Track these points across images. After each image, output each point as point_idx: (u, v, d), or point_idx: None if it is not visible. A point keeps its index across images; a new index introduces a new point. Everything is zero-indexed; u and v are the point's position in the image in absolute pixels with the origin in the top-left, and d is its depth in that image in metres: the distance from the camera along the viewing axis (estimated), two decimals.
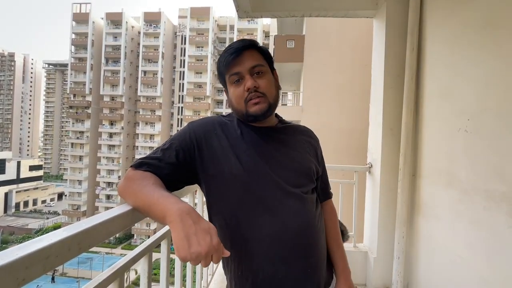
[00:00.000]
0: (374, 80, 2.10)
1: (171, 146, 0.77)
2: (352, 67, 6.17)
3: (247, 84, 0.76)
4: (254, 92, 0.77)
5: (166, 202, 0.61)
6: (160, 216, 0.61)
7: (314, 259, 0.77)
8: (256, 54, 0.80)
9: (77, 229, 0.51)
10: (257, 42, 0.83)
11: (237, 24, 41.37)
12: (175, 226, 0.57)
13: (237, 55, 0.77)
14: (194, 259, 0.54)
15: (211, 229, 0.58)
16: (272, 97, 0.80)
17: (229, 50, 0.78)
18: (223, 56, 0.79)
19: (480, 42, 1.24)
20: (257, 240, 0.72)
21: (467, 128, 1.27)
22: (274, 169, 0.77)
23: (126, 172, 0.73)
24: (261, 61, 0.80)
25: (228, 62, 0.77)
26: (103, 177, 39.36)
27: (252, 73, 0.78)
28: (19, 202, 45.64)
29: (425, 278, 1.62)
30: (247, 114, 0.78)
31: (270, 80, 0.81)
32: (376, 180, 1.99)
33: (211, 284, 1.60)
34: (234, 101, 0.80)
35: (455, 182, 1.35)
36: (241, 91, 0.77)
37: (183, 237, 0.55)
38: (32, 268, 0.41)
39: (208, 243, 0.55)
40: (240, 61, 0.77)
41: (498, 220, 1.07)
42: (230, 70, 0.78)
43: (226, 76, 0.80)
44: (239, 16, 2.17)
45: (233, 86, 0.79)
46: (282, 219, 0.73)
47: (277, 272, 0.73)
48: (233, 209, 0.75)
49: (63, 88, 66.88)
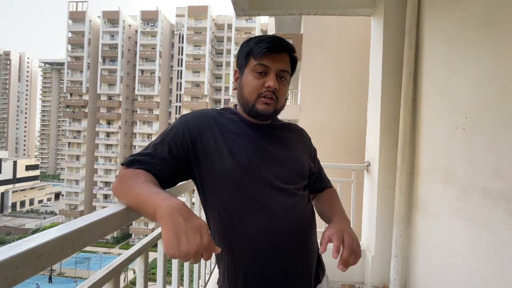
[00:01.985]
0: (372, 79, 2.10)
1: (163, 140, 0.75)
2: (350, 66, 6.18)
3: (271, 82, 0.76)
4: (272, 92, 0.77)
5: (157, 198, 0.60)
6: (151, 213, 0.60)
7: (304, 256, 0.78)
8: (288, 60, 0.81)
9: (70, 228, 0.50)
10: (294, 48, 0.83)
11: (235, 23, 41.29)
12: (165, 223, 0.56)
13: (277, 51, 0.77)
14: (183, 257, 0.54)
15: (202, 226, 0.57)
16: (281, 104, 0.81)
17: (272, 43, 0.76)
18: (261, 43, 0.77)
19: (477, 41, 1.24)
20: (249, 236, 0.72)
21: (464, 126, 1.27)
22: (267, 165, 0.77)
23: (119, 171, 0.72)
24: (289, 69, 0.82)
25: (263, 53, 0.75)
26: (100, 176, 39.18)
27: (278, 75, 0.78)
28: (15, 202, 45.31)
29: (423, 276, 1.62)
30: (253, 108, 0.78)
31: (286, 90, 0.83)
32: (374, 179, 1.99)
33: (209, 283, 1.60)
34: (246, 89, 0.79)
35: (453, 180, 1.35)
36: (259, 84, 0.77)
37: (172, 235, 0.54)
38: (23, 268, 0.40)
39: (198, 242, 0.54)
40: (277, 59, 0.77)
41: (495, 218, 1.07)
42: (262, 60, 0.76)
43: (252, 61, 0.78)
44: (237, 15, 2.16)
45: (252, 74, 0.78)
46: (273, 215, 0.73)
47: (268, 268, 0.73)
48: (226, 204, 0.75)
49: (60, 87, 66.39)
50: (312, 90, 6.76)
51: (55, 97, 70.52)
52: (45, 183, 54.44)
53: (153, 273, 2.42)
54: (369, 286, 1.96)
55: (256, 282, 0.74)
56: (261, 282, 0.74)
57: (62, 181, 41.18)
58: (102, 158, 39.82)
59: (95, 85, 41.12)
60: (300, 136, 0.93)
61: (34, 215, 43.99)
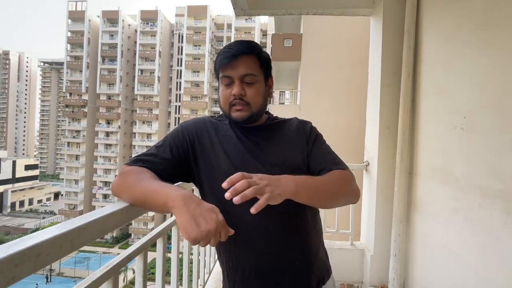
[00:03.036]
0: (371, 78, 2.11)
1: (164, 142, 0.81)
2: (349, 66, 6.19)
3: (234, 90, 0.79)
4: (239, 99, 0.79)
5: (167, 190, 0.63)
6: (161, 203, 0.62)
7: (301, 253, 0.78)
8: (252, 61, 0.80)
9: (69, 226, 0.51)
10: (257, 46, 0.82)
11: (235, 22, 41.26)
12: (180, 210, 0.58)
13: (232, 59, 0.78)
14: (205, 237, 0.56)
15: (214, 207, 0.60)
16: (256, 107, 0.81)
17: (227, 52, 0.79)
18: (220, 56, 0.80)
19: (475, 41, 1.24)
20: (243, 233, 0.74)
21: (462, 126, 1.27)
22: (262, 164, 0.79)
23: (121, 169, 0.74)
24: (255, 70, 0.80)
25: (223, 64, 0.79)
26: (100, 176, 39.14)
27: (242, 80, 0.79)
28: (14, 202, 45.23)
29: (422, 275, 1.63)
30: (230, 117, 0.82)
31: (259, 90, 0.82)
32: (373, 178, 2.00)
33: (208, 282, 1.60)
34: (221, 101, 0.84)
35: (451, 180, 1.35)
36: (228, 94, 0.80)
37: (190, 218, 0.56)
38: (22, 266, 0.40)
39: (215, 219, 0.57)
40: (234, 66, 0.78)
41: (493, 217, 1.07)
42: (223, 72, 0.80)
43: (220, 74, 0.83)
44: (236, 14, 2.16)
45: (223, 86, 0.82)
46: (267, 213, 0.73)
47: (264, 264, 0.76)
48: (221, 203, 0.76)
49: (59, 87, 66.20)
50: (311, 89, 6.77)
51: (54, 97, 70.43)
52: (44, 183, 54.37)
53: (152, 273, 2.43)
54: (368, 286, 1.96)
55: (253, 278, 0.76)
56: (257, 277, 0.76)
57: (62, 180, 41.13)
58: (102, 157, 39.76)
59: (94, 85, 41.05)
60: (295, 131, 0.89)
61: (33, 215, 43.93)
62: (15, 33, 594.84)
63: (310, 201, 0.73)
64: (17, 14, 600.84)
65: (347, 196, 0.79)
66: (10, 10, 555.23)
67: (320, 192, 0.73)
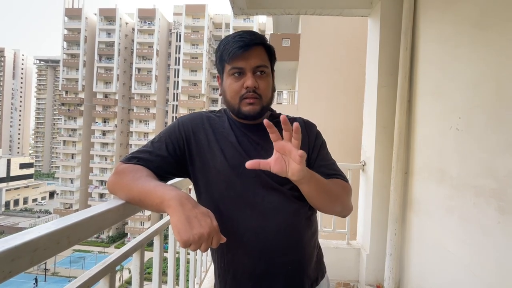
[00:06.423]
0: (368, 79, 2.12)
1: (160, 139, 0.78)
2: (346, 66, 6.21)
3: (248, 82, 0.74)
4: (252, 92, 0.75)
5: (164, 189, 0.62)
6: (157, 203, 0.61)
7: (296, 256, 0.76)
8: (263, 53, 0.78)
9: (66, 222, 0.51)
10: (266, 38, 0.80)
11: (233, 22, 41.22)
12: (175, 210, 0.57)
13: (245, 49, 0.73)
14: (197, 240, 0.55)
15: (209, 212, 0.59)
16: (266, 100, 0.78)
17: (238, 42, 0.73)
18: (230, 46, 0.74)
19: (471, 42, 1.26)
20: (238, 235, 0.73)
21: (458, 126, 1.29)
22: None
23: (116, 167, 0.73)
24: (266, 62, 0.78)
25: (235, 55, 0.73)
26: (96, 175, 38.88)
27: (255, 71, 0.75)
28: (9, 201, 44.78)
29: (417, 274, 1.64)
30: (239, 111, 0.77)
31: (269, 82, 0.79)
32: (369, 178, 2.01)
33: (204, 281, 1.60)
34: (228, 94, 0.78)
35: (446, 179, 1.37)
36: (239, 87, 0.75)
37: (184, 219, 0.56)
38: (19, 260, 0.40)
39: (209, 224, 0.56)
40: (247, 57, 0.74)
41: (487, 216, 1.09)
42: (234, 63, 0.75)
43: (226, 66, 0.77)
44: (235, 13, 2.16)
45: (231, 78, 0.76)
46: (262, 214, 0.73)
47: (256, 267, 0.73)
48: (216, 203, 0.76)
49: (55, 85, 65.66)
50: (309, 89, 6.79)
51: (50, 95, 69.73)
52: (40, 182, 53.86)
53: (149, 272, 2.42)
54: (363, 285, 1.97)
55: (245, 280, 0.74)
56: (250, 280, 0.74)
57: (57, 179, 40.82)
58: (98, 156, 39.50)
59: (91, 83, 40.75)
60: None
61: (28, 214, 43.54)
62: (10, 30, 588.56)
63: (314, 194, 0.73)
64: (12, 10, 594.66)
65: (344, 205, 0.79)
66: (5, 6, 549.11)
67: (325, 190, 0.73)
